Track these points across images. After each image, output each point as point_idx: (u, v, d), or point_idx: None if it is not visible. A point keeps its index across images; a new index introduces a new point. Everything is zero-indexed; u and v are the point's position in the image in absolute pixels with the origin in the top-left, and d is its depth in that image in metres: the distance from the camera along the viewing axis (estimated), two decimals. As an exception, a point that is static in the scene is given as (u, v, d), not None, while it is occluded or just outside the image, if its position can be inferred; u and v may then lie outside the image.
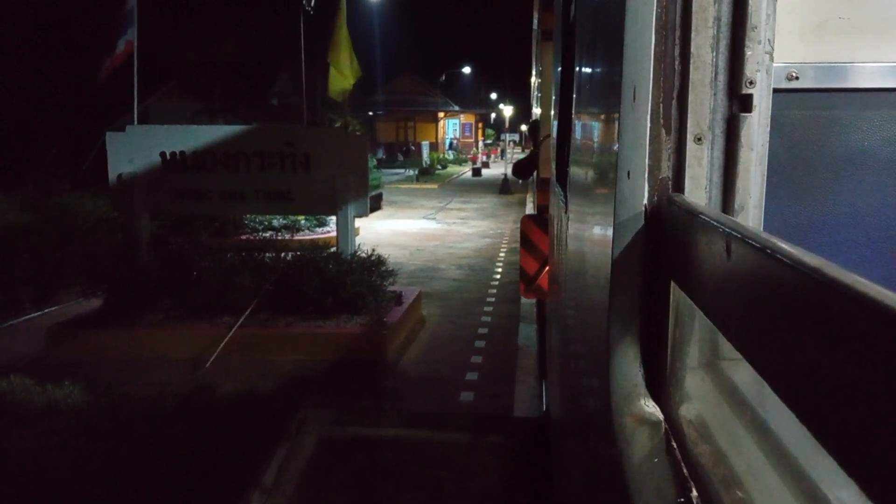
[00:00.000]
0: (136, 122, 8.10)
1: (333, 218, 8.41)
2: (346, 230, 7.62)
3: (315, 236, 12.34)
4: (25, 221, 9.39)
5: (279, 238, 11.61)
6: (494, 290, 9.41)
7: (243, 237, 10.91)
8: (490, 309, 8.45)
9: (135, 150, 7.58)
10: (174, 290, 7.05)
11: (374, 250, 7.76)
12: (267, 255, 7.73)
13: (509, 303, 8.64)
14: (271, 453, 4.38)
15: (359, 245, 7.87)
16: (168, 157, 7.60)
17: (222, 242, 9.27)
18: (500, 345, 7.02)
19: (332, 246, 8.15)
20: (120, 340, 6.62)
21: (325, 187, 7.49)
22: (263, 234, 11.71)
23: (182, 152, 7.60)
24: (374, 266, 7.51)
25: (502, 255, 12.17)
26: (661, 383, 0.96)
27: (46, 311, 8.01)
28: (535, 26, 8.02)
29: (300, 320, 6.82)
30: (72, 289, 7.89)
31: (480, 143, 56.16)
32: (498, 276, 10.34)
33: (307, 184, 7.59)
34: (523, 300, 8.39)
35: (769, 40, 0.93)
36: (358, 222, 13.29)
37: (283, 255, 7.74)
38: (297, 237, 12.15)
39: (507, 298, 8.90)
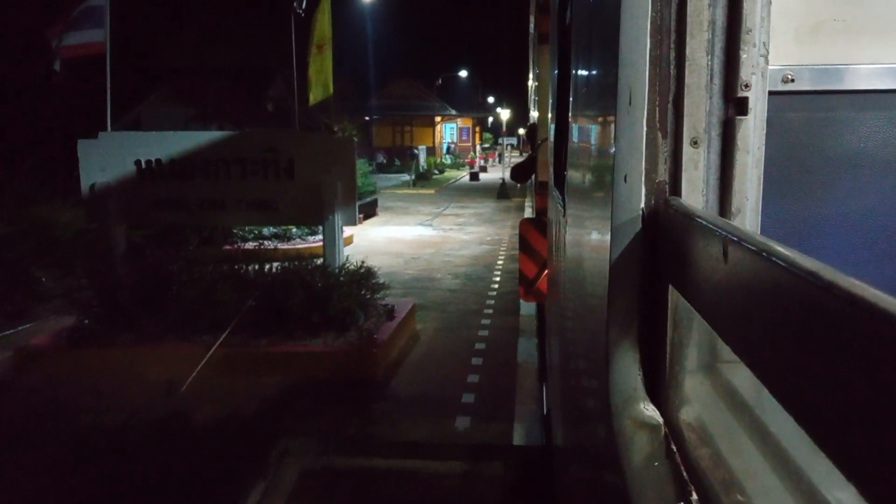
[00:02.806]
0: (108, 128, 7.85)
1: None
2: (333, 241, 7.29)
3: (307, 245, 11.97)
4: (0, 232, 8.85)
5: (267, 248, 11.13)
6: (492, 301, 9.13)
7: (233, 247, 10.45)
8: (488, 322, 8.15)
9: (108, 158, 7.32)
10: (152, 305, 6.70)
11: (363, 262, 7.46)
12: (255, 266, 7.41)
13: (508, 314, 8.38)
14: (249, 488, 4.11)
15: (347, 256, 7.54)
16: (143, 165, 7.35)
17: (208, 253, 8.80)
18: (498, 361, 6.72)
19: (326, 256, 7.98)
20: (92, 361, 6.23)
21: (311, 195, 7.18)
22: (254, 244, 11.33)
23: (158, 160, 7.34)
24: (363, 279, 7.19)
25: (500, 262, 11.95)
26: (660, 386, 0.96)
27: (20, 328, 7.63)
28: (531, 30, 8.04)
29: (284, 338, 6.44)
30: (48, 304, 7.55)
31: (478, 147, 56.26)
32: (496, 286, 10.07)
33: (291, 192, 7.27)
34: (522, 312, 8.21)
35: (764, 43, 0.93)
36: (352, 230, 13.17)
37: (272, 265, 7.41)
38: (288, 246, 11.82)
39: (505, 310, 8.62)
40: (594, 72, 1.37)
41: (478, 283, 10.35)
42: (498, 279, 10.56)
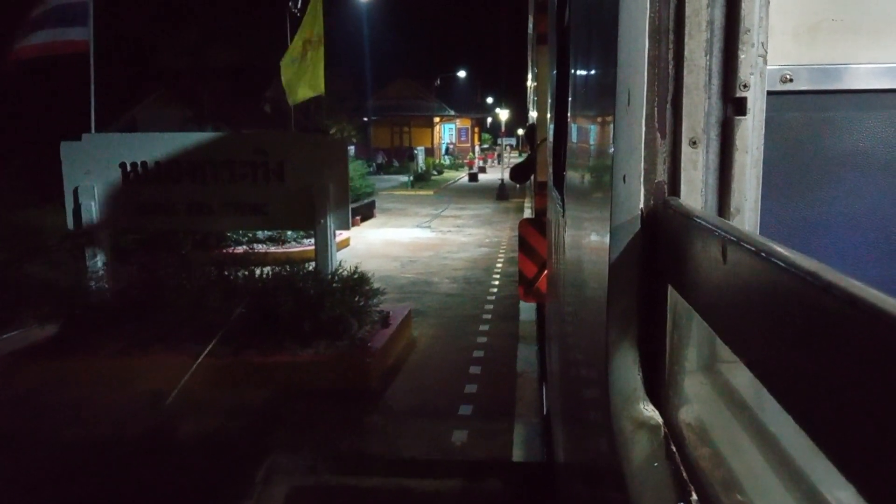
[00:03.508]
0: (93, 129, 7.64)
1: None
2: (325, 245, 7.05)
3: (302, 248, 11.76)
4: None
5: (259, 252, 10.97)
6: (491, 306, 8.95)
7: (223, 251, 10.23)
8: (486, 328, 7.96)
9: (92, 160, 7.14)
10: (139, 313, 6.48)
11: (356, 267, 7.26)
12: (245, 271, 7.22)
13: (507, 320, 8.21)
14: None
15: (340, 262, 7.35)
16: (129, 168, 7.16)
17: (199, 257, 8.55)
18: (497, 370, 6.53)
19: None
20: (75, 372, 6.04)
21: (302, 199, 6.97)
22: (249, 247, 11.20)
23: (144, 163, 7.15)
24: (357, 285, 6.96)
25: (499, 265, 11.80)
26: (659, 387, 0.96)
27: (4, 336, 7.37)
28: (530, 30, 8.05)
29: (274, 347, 6.21)
30: (33, 311, 7.29)
31: (477, 148, 56.29)
32: (495, 290, 9.91)
33: (282, 195, 7.06)
34: (522, 317, 8.11)
35: (762, 43, 0.93)
36: (348, 232, 13.05)
37: (265, 270, 7.21)
38: (282, 250, 11.68)
39: (504, 315, 8.46)
40: (593, 72, 1.37)
41: (476, 287, 10.21)
42: (497, 283, 10.44)
